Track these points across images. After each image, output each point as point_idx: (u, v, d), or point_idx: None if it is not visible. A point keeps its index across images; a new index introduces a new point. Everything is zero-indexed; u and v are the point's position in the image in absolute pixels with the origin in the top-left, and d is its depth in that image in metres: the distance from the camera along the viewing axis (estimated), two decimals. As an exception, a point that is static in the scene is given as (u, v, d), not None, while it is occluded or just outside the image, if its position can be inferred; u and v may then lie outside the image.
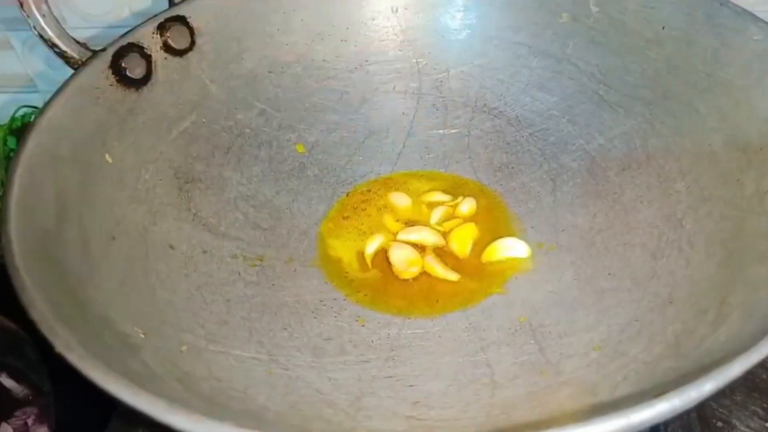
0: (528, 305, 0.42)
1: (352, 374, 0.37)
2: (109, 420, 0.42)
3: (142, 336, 0.34)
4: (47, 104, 0.40)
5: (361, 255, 0.47)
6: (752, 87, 0.40)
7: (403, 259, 0.45)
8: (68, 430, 0.46)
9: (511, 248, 0.45)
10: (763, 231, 0.36)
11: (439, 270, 0.45)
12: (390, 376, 0.37)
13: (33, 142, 0.37)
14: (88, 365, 0.24)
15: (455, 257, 0.46)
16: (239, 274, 0.44)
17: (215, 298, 0.41)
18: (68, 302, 0.31)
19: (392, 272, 0.45)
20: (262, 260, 0.46)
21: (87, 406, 0.47)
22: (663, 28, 0.45)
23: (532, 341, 0.39)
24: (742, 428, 0.43)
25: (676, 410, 0.22)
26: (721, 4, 0.42)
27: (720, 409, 0.43)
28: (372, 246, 0.47)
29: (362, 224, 0.49)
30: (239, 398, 0.33)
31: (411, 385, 0.37)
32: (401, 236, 0.47)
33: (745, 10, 0.41)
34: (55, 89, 0.41)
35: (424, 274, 0.45)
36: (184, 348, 0.35)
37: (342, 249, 0.47)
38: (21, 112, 0.71)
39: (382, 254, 0.47)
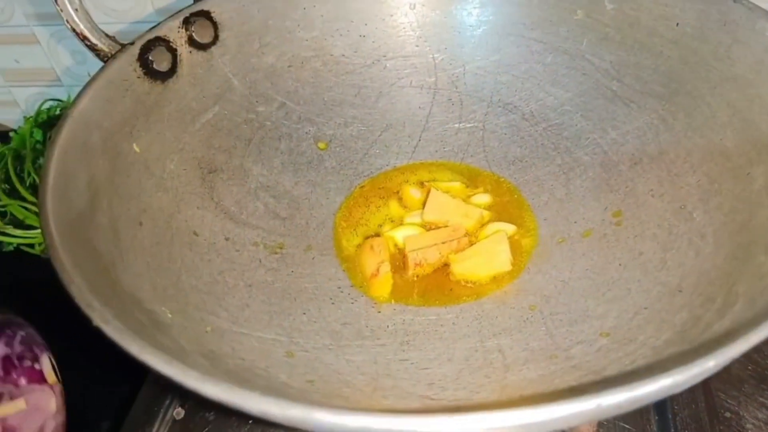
0: (539, 294, 0.43)
1: (368, 357, 0.39)
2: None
3: (170, 316, 0.35)
4: (79, 95, 0.41)
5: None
6: (764, 82, 0.41)
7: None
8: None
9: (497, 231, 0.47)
10: (771, 223, 0.37)
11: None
12: (405, 359, 0.39)
13: (66, 131, 0.39)
14: (126, 338, 0.26)
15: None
16: (260, 260, 0.45)
17: (237, 283, 0.43)
18: (101, 281, 0.32)
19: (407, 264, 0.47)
20: (282, 248, 0.47)
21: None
22: (677, 24, 0.46)
23: (543, 328, 0.40)
24: (750, 419, 0.43)
25: (680, 386, 0.23)
26: (734, 1, 0.43)
27: (728, 401, 0.44)
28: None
29: (376, 218, 0.51)
30: (262, 375, 0.34)
31: (425, 368, 0.38)
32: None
33: (757, 6, 0.42)
34: (79, 83, 0.43)
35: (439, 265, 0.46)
36: (208, 328, 0.37)
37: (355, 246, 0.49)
38: (47, 105, 0.73)
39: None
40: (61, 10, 0.43)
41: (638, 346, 0.34)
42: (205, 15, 0.50)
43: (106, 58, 0.45)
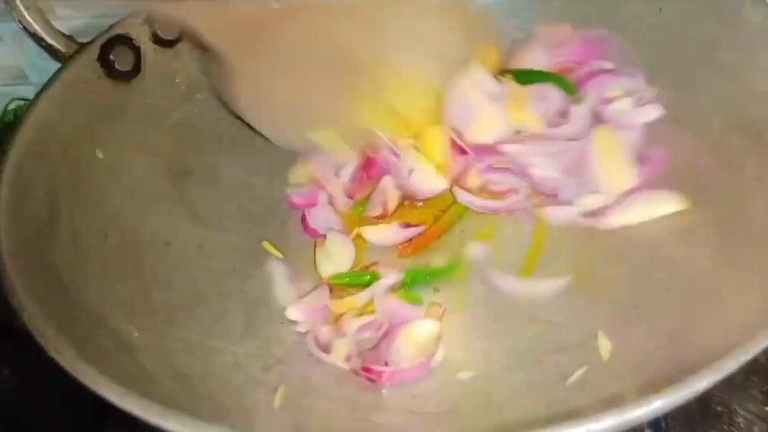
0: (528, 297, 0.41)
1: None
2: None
3: (136, 335, 0.34)
4: (34, 100, 0.40)
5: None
6: (751, 69, 0.40)
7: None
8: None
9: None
10: (763, 217, 0.35)
11: None
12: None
13: (21, 140, 0.37)
14: (80, 369, 0.24)
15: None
16: (234, 268, 0.44)
17: (211, 293, 0.41)
18: (60, 303, 0.31)
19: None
20: (258, 253, 0.45)
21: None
22: (660, 10, 0.45)
23: (530, 332, 0.38)
24: (742, 412, 0.43)
25: (673, 406, 0.22)
26: (719, -15, 0.42)
27: (719, 394, 0.43)
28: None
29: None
30: (235, 396, 0.33)
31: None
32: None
33: (744, -9, 0.41)
34: (47, 81, 0.41)
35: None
36: (178, 345, 0.35)
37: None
38: (13, 105, 0.70)
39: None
40: (12, 9, 0.41)
41: (629, 350, 0.33)
42: (170, 10, 0.47)
43: (64, 59, 0.43)
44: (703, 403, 0.43)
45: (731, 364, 0.22)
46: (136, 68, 0.46)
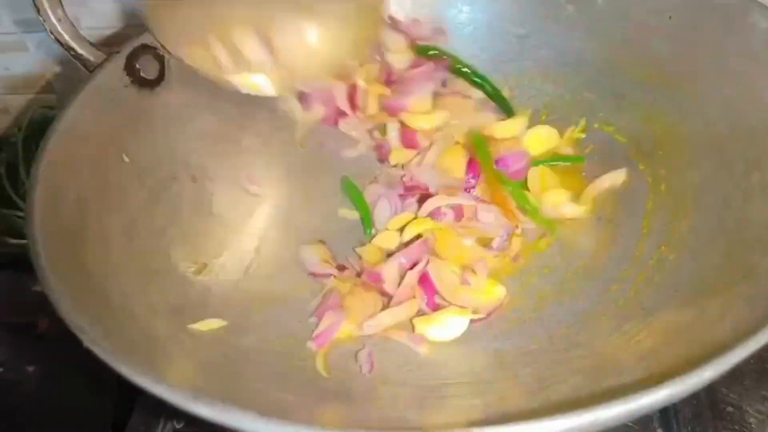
0: (537, 296, 0.42)
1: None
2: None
3: (165, 329, 0.35)
4: (65, 107, 0.41)
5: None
6: (758, 75, 0.40)
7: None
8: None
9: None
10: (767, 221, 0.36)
11: None
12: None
13: (51, 146, 0.38)
14: (115, 358, 0.26)
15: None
16: (258, 267, 0.45)
17: (234, 294, 0.42)
18: (93, 299, 0.32)
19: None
20: (279, 253, 0.46)
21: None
22: (669, 17, 0.45)
23: (541, 330, 0.39)
24: (753, 413, 0.43)
25: (677, 397, 0.23)
26: (727, -7, 0.42)
27: (730, 395, 0.44)
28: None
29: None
30: (259, 388, 0.34)
31: (427, 371, 0.37)
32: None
33: (751, -1, 0.41)
34: (70, 89, 0.43)
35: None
36: (203, 339, 0.37)
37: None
38: (38, 113, 0.72)
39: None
40: (44, 21, 0.43)
41: (637, 348, 0.34)
42: (193, 20, 0.49)
43: (92, 68, 0.45)
44: (714, 403, 0.43)
45: (735, 356, 0.23)
46: (161, 76, 0.47)
